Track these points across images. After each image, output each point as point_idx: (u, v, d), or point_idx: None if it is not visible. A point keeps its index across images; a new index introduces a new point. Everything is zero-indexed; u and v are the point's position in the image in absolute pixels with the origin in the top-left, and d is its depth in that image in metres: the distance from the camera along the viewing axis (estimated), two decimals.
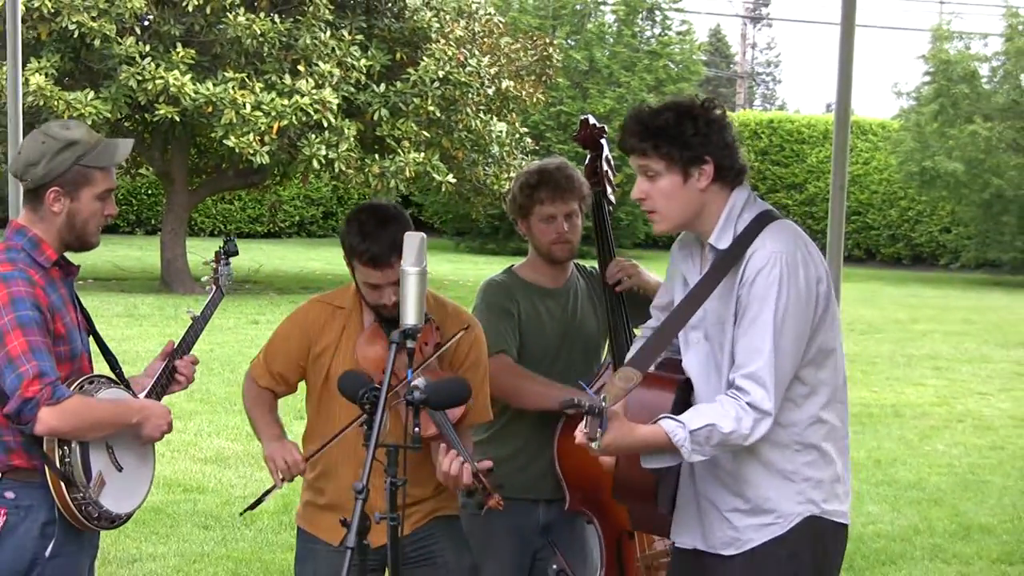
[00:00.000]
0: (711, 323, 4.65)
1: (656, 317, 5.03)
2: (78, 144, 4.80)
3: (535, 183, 5.95)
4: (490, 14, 29.40)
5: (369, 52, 26.25)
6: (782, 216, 4.71)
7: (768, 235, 4.56)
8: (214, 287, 5.57)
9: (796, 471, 4.63)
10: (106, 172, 4.85)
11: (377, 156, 26.75)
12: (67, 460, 4.65)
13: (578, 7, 44.47)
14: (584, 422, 4.22)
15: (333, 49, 25.65)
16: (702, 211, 4.63)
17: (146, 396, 5.07)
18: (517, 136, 29.36)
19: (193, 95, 24.28)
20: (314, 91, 24.84)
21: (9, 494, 4.74)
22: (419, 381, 4.56)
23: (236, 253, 5.70)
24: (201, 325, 5.40)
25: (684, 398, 4.65)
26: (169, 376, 5.20)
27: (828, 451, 4.69)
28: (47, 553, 4.74)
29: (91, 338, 5.13)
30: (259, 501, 5.23)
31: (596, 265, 6.18)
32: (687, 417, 4.40)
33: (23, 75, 11.25)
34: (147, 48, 24.57)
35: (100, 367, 5.10)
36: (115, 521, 4.90)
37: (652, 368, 4.61)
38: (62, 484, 4.65)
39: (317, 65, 25.34)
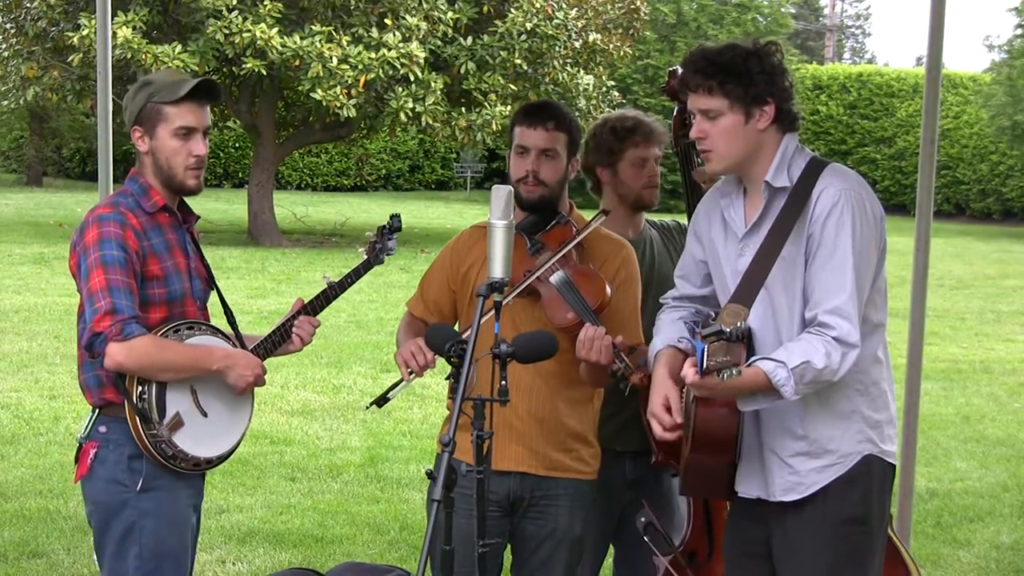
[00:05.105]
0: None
1: (680, 286, 5.00)
2: (152, 84, 4.99)
3: (631, 126, 5.93)
4: None
5: (456, 5, 26.26)
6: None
7: (831, 174, 4.57)
8: (366, 255, 5.71)
9: (856, 410, 4.64)
10: (180, 108, 4.94)
11: (464, 110, 26.80)
12: (144, 396, 4.81)
13: None
14: (703, 357, 4.15)
15: (420, 2, 25.67)
16: (757, 152, 4.62)
17: (254, 349, 5.19)
18: (604, 89, 29.29)
19: (280, 48, 24.40)
20: (401, 44, 24.87)
21: (102, 428, 4.93)
22: (558, 275, 5.08)
23: (399, 229, 5.77)
24: (336, 292, 5.62)
25: (751, 348, 4.63)
26: (283, 334, 5.35)
27: (885, 391, 4.72)
28: (138, 487, 4.88)
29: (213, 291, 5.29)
30: (386, 395, 5.29)
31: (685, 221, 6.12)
32: (783, 356, 4.39)
33: (111, 28, 11.35)
34: (234, 2, 24.70)
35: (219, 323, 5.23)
36: (199, 464, 5.00)
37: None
38: (137, 419, 4.82)
39: (404, 18, 25.38)
